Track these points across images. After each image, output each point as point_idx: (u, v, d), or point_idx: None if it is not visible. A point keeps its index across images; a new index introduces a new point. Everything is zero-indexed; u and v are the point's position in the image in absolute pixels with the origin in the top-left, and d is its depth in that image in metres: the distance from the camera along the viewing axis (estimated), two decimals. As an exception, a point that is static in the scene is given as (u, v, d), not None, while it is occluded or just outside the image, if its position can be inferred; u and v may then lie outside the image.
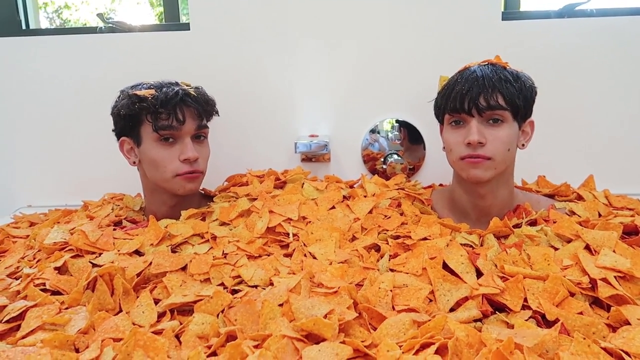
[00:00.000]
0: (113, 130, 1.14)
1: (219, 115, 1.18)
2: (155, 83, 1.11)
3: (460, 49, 1.35)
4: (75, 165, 1.49)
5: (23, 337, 0.71)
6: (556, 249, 0.88)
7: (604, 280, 0.76)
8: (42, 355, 0.62)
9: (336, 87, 1.42)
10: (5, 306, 0.78)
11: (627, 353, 0.60)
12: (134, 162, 1.14)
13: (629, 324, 0.67)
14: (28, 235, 1.09)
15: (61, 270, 0.89)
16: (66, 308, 0.77)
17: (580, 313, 0.71)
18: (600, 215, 1.02)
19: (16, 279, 0.88)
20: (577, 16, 1.39)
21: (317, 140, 1.36)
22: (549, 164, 1.35)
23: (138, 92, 1.06)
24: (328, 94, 1.43)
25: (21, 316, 0.75)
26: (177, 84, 1.13)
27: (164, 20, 1.58)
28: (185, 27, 1.43)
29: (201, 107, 1.11)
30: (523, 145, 1.04)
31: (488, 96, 0.96)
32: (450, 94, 1.00)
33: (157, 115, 1.06)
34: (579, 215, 1.01)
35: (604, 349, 0.61)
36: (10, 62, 1.44)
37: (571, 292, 0.76)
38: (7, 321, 0.75)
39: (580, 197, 1.11)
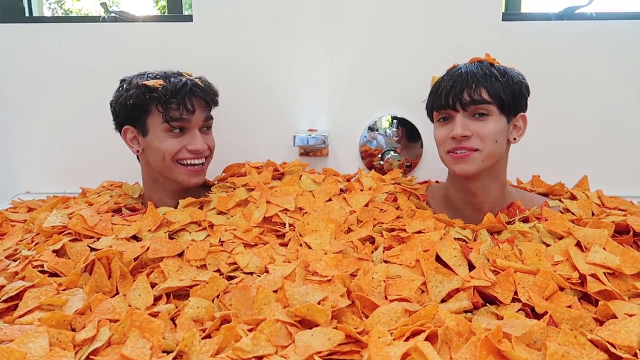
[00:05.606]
0: (114, 121, 1.14)
1: (218, 105, 1.19)
2: (160, 73, 1.12)
3: (460, 48, 1.36)
4: (75, 153, 1.50)
5: (20, 317, 0.72)
6: (548, 245, 0.89)
7: (593, 276, 0.77)
8: (39, 332, 0.64)
9: (336, 82, 1.43)
10: (3, 286, 0.79)
11: (612, 344, 0.61)
12: (138, 151, 1.14)
13: (615, 318, 0.69)
14: (26, 220, 1.10)
15: (59, 253, 0.90)
16: (64, 290, 0.79)
17: (569, 307, 0.72)
18: (593, 214, 1.03)
19: (14, 260, 0.89)
20: (577, 19, 1.41)
21: (315, 134, 1.37)
22: (544, 164, 1.36)
23: (147, 83, 1.07)
24: (328, 89, 1.44)
25: (19, 296, 0.77)
26: (180, 74, 1.14)
27: (166, 13, 1.58)
28: (188, 18, 1.43)
29: (209, 96, 1.13)
30: (515, 139, 1.04)
31: (471, 91, 0.98)
32: (436, 92, 1.04)
33: (167, 105, 1.07)
34: (572, 213, 1.03)
35: (591, 340, 0.63)
36: (12, 49, 1.45)
37: (561, 286, 0.77)
38: (5, 301, 0.76)
39: (573, 197, 1.12)
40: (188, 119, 1.09)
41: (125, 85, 1.11)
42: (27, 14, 1.56)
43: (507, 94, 0.99)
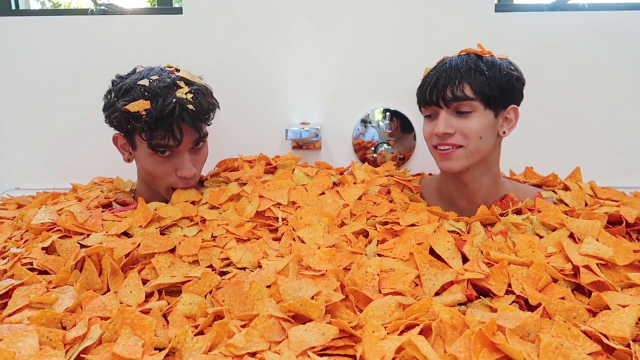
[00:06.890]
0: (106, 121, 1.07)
1: (219, 109, 1.12)
2: (151, 86, 0.97)
3: (453, 39, 1.35)
4: (65, 148, 1.48)
5: (9, 315, 0.71)
6: (541, 237, 0.89)
7: (587, 267, 0.77)
8: (28, 331, 0.63)
9: (328, 75, 1.42)
10: (-9, 284, 0.77)
11: (605, 336, 0.61)
12: (129, 160, 1.09)
13: (608, 309, 0.69)
14: (15, 217, 1.08)
15: (49, 250, 0.89)
16: (53, 287, 0.77)
17: (562, 298, 0.72)
18: (586, 204, 1.03)
19: (3, 258, 0.88)
20: (569, 10, 1.40)
21: (308, 127, 1.36)
22: (537, 155, 1.36)
23: (131, 108, 0.95)
24: (320, 82, 1.43)
25: (8, 294, 0.75)
26: (174, 84, 0.99)
27: (156, 6, 1.56)
28: (178, 11, 1.42)
29: (200, 121, 1.02)
30: (504, 132, 1.02)
31: (454, 87, 0.97)
32: (422, 87, 1.03)
33: (151, 133, 0.97)
34: (566, 204, 1.03)
35: (584, 332, 0.63)
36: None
37: (554, 278, 0.77)
38: (-7, 299, 0.75)
39: (567, 188, 1.12)
40: (174, 146, 1.00)
41: (112, 95, 1.02)
42: (13, 7, 1.53)
43: (493, 88, 0.97)
